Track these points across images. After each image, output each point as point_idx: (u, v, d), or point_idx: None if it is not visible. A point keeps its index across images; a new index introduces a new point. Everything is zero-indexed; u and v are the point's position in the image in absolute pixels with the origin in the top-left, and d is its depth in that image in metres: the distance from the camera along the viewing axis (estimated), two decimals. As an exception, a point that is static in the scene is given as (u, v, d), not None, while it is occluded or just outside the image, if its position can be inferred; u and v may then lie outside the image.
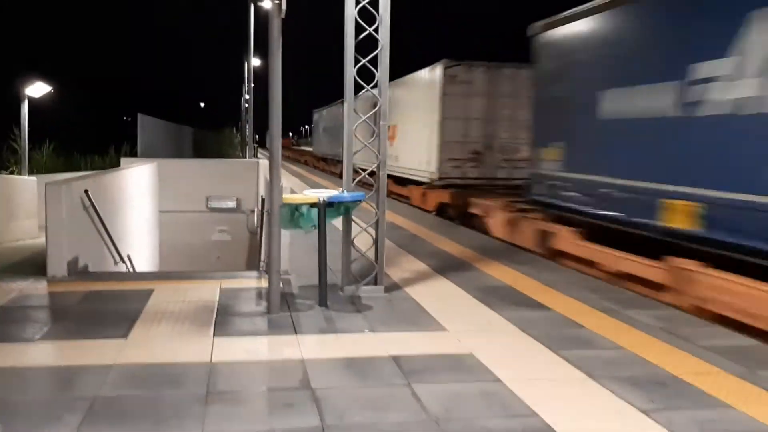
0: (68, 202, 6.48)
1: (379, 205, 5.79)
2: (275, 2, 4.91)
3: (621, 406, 3.50)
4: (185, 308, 5.24)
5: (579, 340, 4.66)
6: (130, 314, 5.02)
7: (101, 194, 7.85)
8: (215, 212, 13.79)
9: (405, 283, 6.25)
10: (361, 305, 5.45)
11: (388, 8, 5.58)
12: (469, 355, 4.26)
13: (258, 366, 4.07)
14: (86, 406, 3.36)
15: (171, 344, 4.39)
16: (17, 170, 15.53)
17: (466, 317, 5.18)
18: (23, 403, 3.45)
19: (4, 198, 9.86)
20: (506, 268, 7.12)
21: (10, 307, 5.30)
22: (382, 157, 5.73)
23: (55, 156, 21.41)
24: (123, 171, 10.60)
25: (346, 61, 5.55)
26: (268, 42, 4.97)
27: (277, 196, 5.08)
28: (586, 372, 3.98)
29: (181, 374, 3.83)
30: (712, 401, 3.60)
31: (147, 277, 8.07)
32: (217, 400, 3.48)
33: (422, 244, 8.71)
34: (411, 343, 4.49)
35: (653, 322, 5.08)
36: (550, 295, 5.94)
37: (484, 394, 3.63)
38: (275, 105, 5.03)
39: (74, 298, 5.60)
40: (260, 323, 4.92)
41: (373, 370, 3.98)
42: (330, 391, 3.64)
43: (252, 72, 28.69)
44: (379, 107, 5.68)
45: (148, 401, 3.46)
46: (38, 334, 4.59)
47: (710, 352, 4.37)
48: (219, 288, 5.90)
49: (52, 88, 13.12)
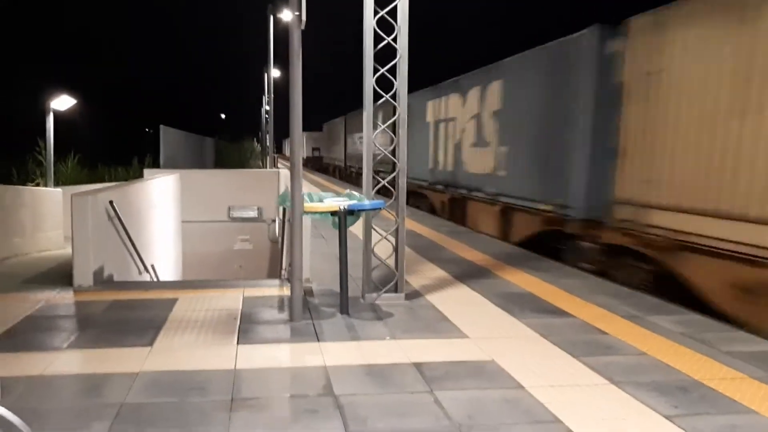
0: (94, 213, 6.59)
1: (398, 212, 5.82)
2: (295, 14, 4.98)
3: (644, 411, 3.50)
4: (209, 316, 5.31)
5: (601, 345, 4.65)
6: (155, 323, 5.10)
7: (125, 205, 7.97)
8: (237, 222, 13.90)
9: (425, 291, 6.27)
10: (382, 313, 5.48)
11: (406, 18, 5.63)
12: (491, 361, 4.27)
13: (281, 373, 4.12)
14: (113, 413, 3.43)
15: (196, 352, 4.45)
16: (43, 182, 15.77)
17: (487, 324, 5.19)
18: (52, 410, 3.51)
19: (30, 209, 10.02)
20: (525, 274, 7.11)
21: (37, 317, 5.40)
22: (401, 164, 5.76)
23: (80, 168, 21.70)
24: (146, 182, 10.74)
25: (365, 71, 5.60)
26: (289, 53, 5.03)
27: (298, 204, 5.13)
28: (608, 378, 3.97)
29: (205, 381, 3.89)
30: (737, 407, 3.58)
31: (171, 286, 8.14)
32: (242, 406, 3.53)
33: (441, 251, 8.73)
34: (432, 350, 4.51)
35: (675, 328, 5.05)
36: (570, 301, 5.93)
37: (506, 400, 3.64)
38: (296, 115, 5.08)
39: (100, 308, 5.69)
40: (283, 331, 4.97)
41: (395, 376, 4.00)
42: (353, 397, 3.67)
43: (272, 83, 28.89)
44: (398, 115, 5.73)
45: (174, 408, 3.51)
46: (65, 343, 4.67)
47: (733, 358, 4.34)
48: (242, 296, 5.97)
49: (76, 100, 13.32)
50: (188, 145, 26.66)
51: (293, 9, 4.97)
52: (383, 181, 5.92)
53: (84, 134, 35.67)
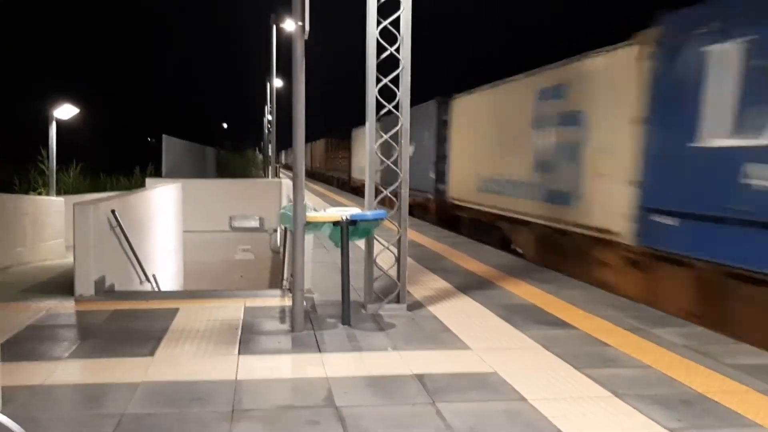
0: (96, 222, 6.59)
1: (401, 223, 5.82)
2: (298, 24, 5.00)
3: (648, 424, 3.47)
4: (210, 327, 5.29)
5: (604, 358, 4.63)
6: (156, 333, 5.09)
7: (127, 214, 7.97)
8: (238, 232, 13.90)
9: (427, 302, 6.25)
10: (384, 323, 5.47)
11: (409, 28, 5.65)
12: (493, 373, 4.25)
13: (283, 384, 4.10)
14: (114, 423, 3.41)
15: (197, 362, 4.43)
16: (45, 191, 15.79)
17: (490, 335, 5.17)
18: (53, 420, 3.50)
19: (32, 218, 10.03)
20: (528, 286, 7.10)
21: (38, 326, 5.39)
22: (404, 175, 5.76)
23: (82, 177, 21.73)
24: (148, 191, 10.75)
25: (367, 81, 5.61)
26: (292, 63, 5.04)
27: (300, 215, 5.13)
28: (611, 390, 3.95)
29: (206, 392, 3.87)
30: (740, 420, 3.55)
31: (172, 296, 8.15)
32: (243, 417, 3.51)
33: (444, 262, 8.72)
34: (435, 362, 4.49)
35: (678, 340, 5.03)
36: (573, 312, 5.91)
37: (508, 412, 3.62)
38: (299, 125, 5.08)
39: (101, 317, 5.68)
40: (284, 341, 4.96)
41: (397, 388, 3.99)
42: (355, 409, 3.65)
43: (274, 92, 28.99)
44: (401, 126, 5.73)
45: (175, 418, 3.50)
46: (66, 353, 4.66)
47: (737, 371, 4.32)
48: (243, 307, 5.95)
49: (78, 109, 13.35)
50: (190, 154, 26.68)
51: (296, 19, 4.98)
52: (386, 191, 5.91)
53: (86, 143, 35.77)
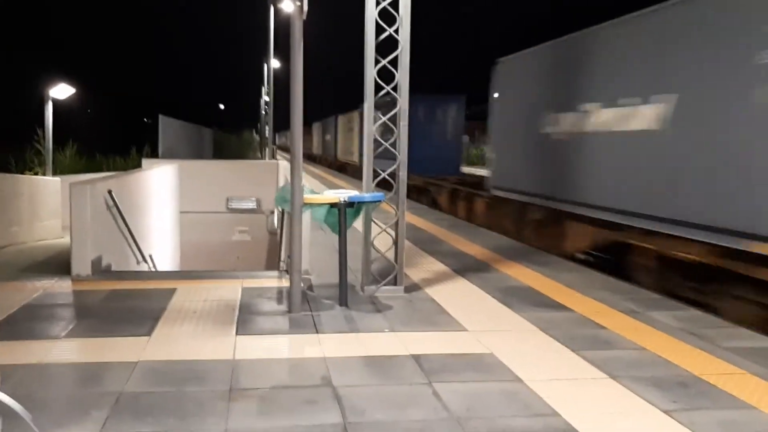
0: (92, 202, 6.57)
1: (398, 205, 5.81)
2: (297, 4, 4.95)
3: (643, 406, 3.50)
4: (208, 307, 5.30)
5: (600, 340, 4.65)
6: (153, 312, 5.09)
7: (124, 194, 7.95)
8: (235, 213, 13.88)
9: (425, 284, 6.26)
10: (381, 305, 5.48)
11: (408, 9, 5.60)
12: (490, 354, 4.27)
13: (280, 364, 4.11)
14: (112, 401, 3.42)
15: (194, 342, 4.44)
16: (41, 171, 15.73)
17: (486, 317, 5.19)
18: (50, 398, 3.51)
19: (28, 198, 9.99)
20: (525, 268, 7.11)
21: (35, 305, 5.39)
22: (402, 157, 5.74)
23: (78, 157, 21.65)
24: (145, 172, 10.72)
25: (366, 62, 5.57)
26: (290, 43, 5.00)
27: (298, 196, 5.12)
28: (607, 372, 3.97)
29: (204, 371, 3.88)
30: (736, 402, 3.58)
31: (169, 276, 8.15)
32: (240, 396, 3.53)
33: (441, 244, 8.72)
34: (431, 343, 4.51)
35: (675, 323, 5.05)
36: (570, 295, 5.93)
37: (505, 393, 3.64)
38: (296, 106, 5.06)
39: (98, 297, 5.68)
40: (282, 322, 4.97)
41: (393, 368, 4.00)
42: (351, 389, 3.67)
43: (272, 73, 28.83)
44: (399, 108, 5.70)
45: (173, 397, 3.51)
46: (63, 332, 4.66)
47: (733, 354, 4.34)
48: (241, 287, 5.95)
49: (75, 89, 13.26)
50: (187, 135, 26.61)
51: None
52: (384, 173, 5.89)
53: (82, 123, 35.61)
